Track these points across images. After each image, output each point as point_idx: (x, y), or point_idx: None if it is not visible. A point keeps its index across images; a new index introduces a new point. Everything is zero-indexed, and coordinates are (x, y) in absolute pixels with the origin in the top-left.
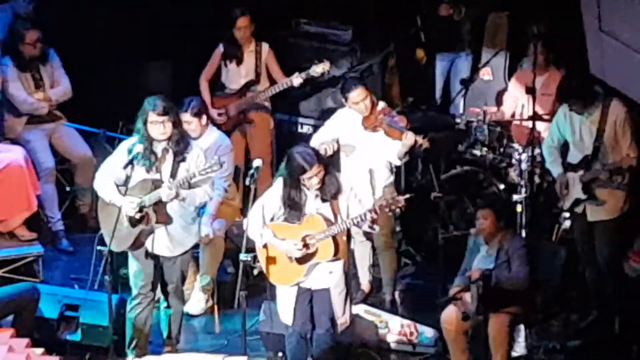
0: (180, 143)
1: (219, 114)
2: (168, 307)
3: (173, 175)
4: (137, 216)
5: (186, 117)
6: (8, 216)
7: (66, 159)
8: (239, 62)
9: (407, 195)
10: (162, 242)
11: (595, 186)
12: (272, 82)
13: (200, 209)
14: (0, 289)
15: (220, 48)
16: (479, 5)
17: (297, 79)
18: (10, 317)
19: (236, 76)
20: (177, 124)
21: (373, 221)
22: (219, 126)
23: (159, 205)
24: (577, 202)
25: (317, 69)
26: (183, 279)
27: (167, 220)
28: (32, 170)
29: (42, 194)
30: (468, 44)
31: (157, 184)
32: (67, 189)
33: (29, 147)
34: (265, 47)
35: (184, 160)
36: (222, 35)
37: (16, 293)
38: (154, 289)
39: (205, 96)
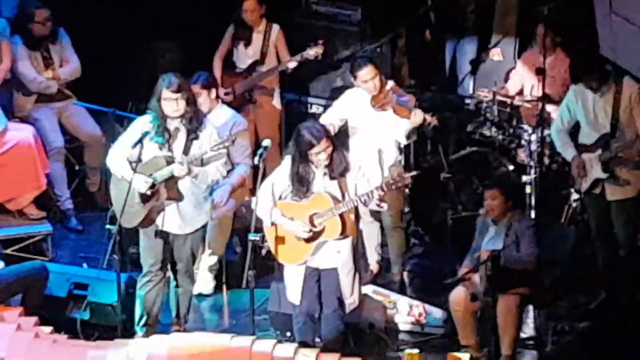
0: (194, 121)
1: (226, 93)
2: (177, 286)
3: (185, 152)
4: (149, 192)
5: (195, 88)
6: (17, 194)
7: (75, 137)
8: (248, 43)
9: (414, 172)
10: (172, 220)
11: (615, 165)
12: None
13: (214, 186)
14: (9, 268)
15: (231, 29)
16: None
17: (291, 63)
18: (19, 296)
19: (244, 56)
20: (190, 101)
21: (380, 199)
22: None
23: (171, 181)
24: (596, 182)
25: (311, 52)
26: (193, 258)
27: (178, 196)
28: (42, 149)
29: (52, 173)
30: (473, 25)
31: (169, 161)
32: (77, 167)
33: (38, 126)
34: (275, 28)
35: (196, 138)
36: (232, 15)
37: (25, 271)
38: (163, 268)
39: (217, 74)
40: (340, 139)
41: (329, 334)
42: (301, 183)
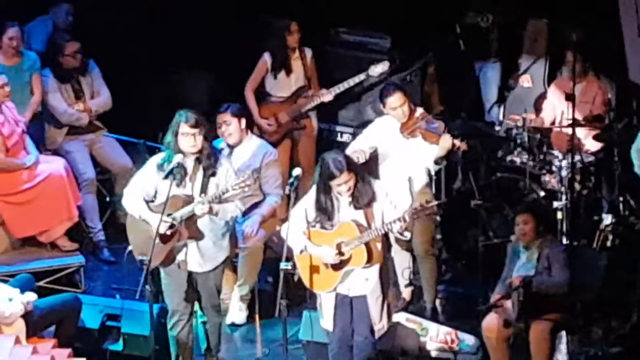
0: (211, 157)
1: (268, 124)
2: (205, 320)
3: (203, 190)
4: (169, 232)
5: (226, 117)
6: (49, 227)
7: (106, 169)
8: (288, 70)
9: (436, 202)
10: (193, 258)
11: None
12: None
13: (240, 219)
14: (43, 300)
15: (266, 57)
16: (506, 12)
17: (327, 96)
18: (52, 328)
19: (285, 84)
20: (207, 138)
21: (405, 228)
22: (267, 136)
23: (190, 220)
24: None
25: (377, 69)
26: (218, 292)
27: (198, 235)
28: (73, 181)
29: (83, 205)
30: (496, 52)
31: (188, 200)
32: (108, 199)
33: (70, 158)
34: (309, 52)
35: (213, 175)
36: (266, 46)
37: (58, 303)
38: (189, 304)
39: (252, 105)
40: (369, 167)
41: (331, 352)
42: (323, 212)
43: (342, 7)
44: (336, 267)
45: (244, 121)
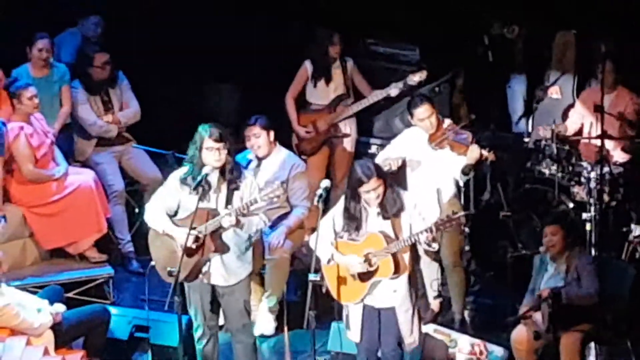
0: (234, 171)
1: (307, 132)
2: (238, 342)
3: (228, 203)
4: (194, 246)
5: (255, 129)
6: (78, 238)
7: (135, 180)
8: (328, 79)
9: (464, 212)
10: (217, 271)
11: None
12: (358, 96)
13: (267, 231)
14: (72, 311)
15: (307, 66)
16: (533, 24)
17: (394, 89)
18: (81, 339)
19: (325, 93)
20: (230, 152)
21: (433, 238)
22: (302, 144)
23: (215, 234)
24: None
25: (415, 78)
26: (247, 312)
27: (223, 249)
28: (102, 193)
29: (112, 216)
30: (522, 64)
31: (212, 213)
32: (137, 210)
33: (99, 170)
34: (350, 62)
35: (237, 189)
36: (306, 54)
37: (87, 315)
38: (214, 319)
39: (292, 113)
40: (398, 177)
41: None
42: (351, 220)
43: (371, 19)
44: (363, 278)
45: (272, 133)
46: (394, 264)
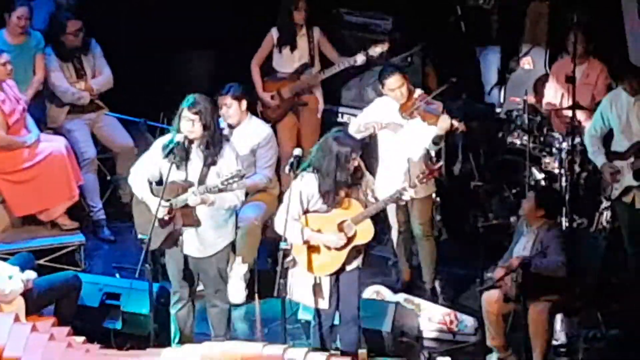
0: (210, 147)
1: (272, 97)
2: (212, 306)
3: (202, 178)
4: (166, 217)
5: (226, 100)
6: (50, 205)
7: (107, 148)
8: (293, 47)
9: (441, 163)
10: (191, 244)
11: None
12: (326, 64)
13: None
14: (42, 278)
15: (273, 33)
16: None
17: (360, 57)
18: (52, 306)
19: (289, 60)
20: (207, 127)
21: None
22: (268, 111)
23: (186, 208)
24: (628, 190)
25: (377, 49)
26: (223, 279)
27: (194, 223)
28: (74, 160)
29: (84, 183)
30: (497, 34)
31: (184, 187)
32: (109, 178)
33: (71, 137)
34: (317, 30)
35: (214, 164)
36: (276, 20)
37: (58, 282)
38: (190, 285)
39: (257, 80)
40: (369, 147)
41: (350, 337)
42: (339, 190)
43: None
44: (339, 247)
45: (244, 103)
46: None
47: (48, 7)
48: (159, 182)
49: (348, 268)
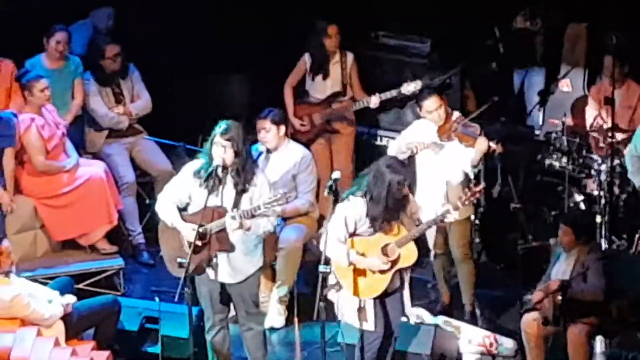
0: (241, 174)
1: (302, 124)
2: (247, 329)
3: (236, 204)
4: (200, 243)
5: (265, 124)
6: (89, 230)
7: (146, 172)
8: (325, 74)
9: (483, 184)
10: (222, 269)
11: None
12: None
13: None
14: (82, 302)
15: (306, 58)
16: (554, 17)
17: (375, 100)
18: (92, 330)
19: (322, 87)
20: (239, 153)
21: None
22: (298, 134)
23: (220, 233)
24: None
25: (409, 87)
26: (254, 303)
27: (229, 248)
28: (113, 184)
29: (123, 208)
30: (542, 56)
31: (219, 212)
32: (148, 202)
33: (110, 161)
34: (350, 57)
35: (245, 190)
36: (306, 46)
37: (97, 306)
38: (224, 311)
39: (289, 103)
40: (408, 170)
41: (369, 352)
42: (387, 217)
43: (382, 10)
44: (384, 270)
45: (283, 128)
46: (417, 248)
47: (86, 32)
48: (184, 209)
49: (391, 290)
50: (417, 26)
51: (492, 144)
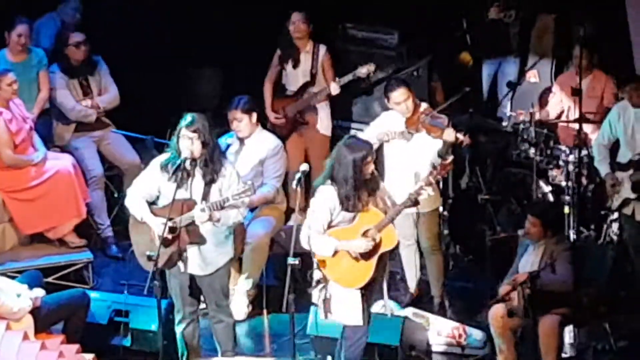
0: (209, 165)
1: (276, 117)
2: (217, 321)
3: (205, 196)
4: (170, 236)
5: (237, 114)
6: (58, 223)
7: (114, 165)
8: (296, 64)
9: (452, 157)
10: (193, 261)
11: None
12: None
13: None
14: (51, 296)
15: (278, 50)
16: (528, 8)
17: (334, 86)
18: (61, 324)
19: (294, 78)
20: (206, 144)
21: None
22: (276, 128)
23: (190, 226)
24: (627, 202)
25: (362, 70)
26: (225, 294)
27: (199, 240)
28: (81, 178)
29: (91, 201)
30: (516, 47)
31: (188, 205)
32: (116, 195)
33: (78, 155)
34: (322, 48)
35: (213, 181)
36: (275, 40)
37: (66, 299)
38: (194, 304)
39: (267, 97)
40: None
41: (358, 348)
42: (359, 197)
43: (350, 2)
44: (367, 256)
45: (254, 115)
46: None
47: (54, 25)
48: (153, 202)
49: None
50: (385, 18)
51: (460, 135)
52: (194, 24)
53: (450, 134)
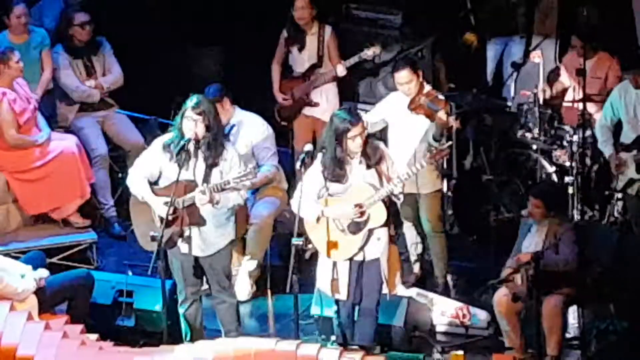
0: (212, 148)
1: (284, 99)
2: (220, 302)
3: (206, 178)
4: (170, 217)
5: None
6: (62, 204)
7: (118, 146)
8: (302, 46)
9: (450, 142)
10: (194, 242)
11: None
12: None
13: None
14: (55, 276)
15: (284, 33)
16: None
17: (341, 68)
18: (65, 304)
19: (300, 60)
20: (210, 127)
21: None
22: (283, 109)
23: (192, 206)
24: (631, 182)
25: (369, 52)
26: (227, 275)
27: (200, 221)
28: (85, 158)
29: (95, 181)
30: (523, 28)
31: (189, 186)
32: (120, 175)
33: (82, 135)
34: (328, 29)
35: (215, 164)
36: (279, 19)
37: (70, 280)
38: (196, 284)
39: (275, 79)
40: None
41: (366, 330)
42: (338, 166)
43: None
44: (355, 229)
45: (227, 101)
46: (386, 209)
47: (58, 6)
48: (155, 183)
49: (368, 257)
50: None
51: (451, 119)
52: (198, 4)
53: (442, 117)
